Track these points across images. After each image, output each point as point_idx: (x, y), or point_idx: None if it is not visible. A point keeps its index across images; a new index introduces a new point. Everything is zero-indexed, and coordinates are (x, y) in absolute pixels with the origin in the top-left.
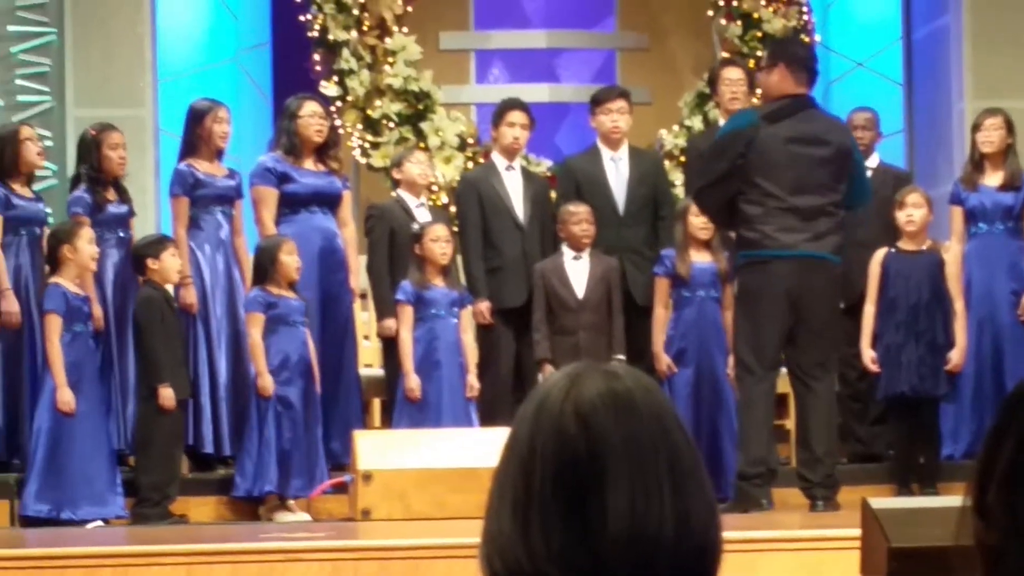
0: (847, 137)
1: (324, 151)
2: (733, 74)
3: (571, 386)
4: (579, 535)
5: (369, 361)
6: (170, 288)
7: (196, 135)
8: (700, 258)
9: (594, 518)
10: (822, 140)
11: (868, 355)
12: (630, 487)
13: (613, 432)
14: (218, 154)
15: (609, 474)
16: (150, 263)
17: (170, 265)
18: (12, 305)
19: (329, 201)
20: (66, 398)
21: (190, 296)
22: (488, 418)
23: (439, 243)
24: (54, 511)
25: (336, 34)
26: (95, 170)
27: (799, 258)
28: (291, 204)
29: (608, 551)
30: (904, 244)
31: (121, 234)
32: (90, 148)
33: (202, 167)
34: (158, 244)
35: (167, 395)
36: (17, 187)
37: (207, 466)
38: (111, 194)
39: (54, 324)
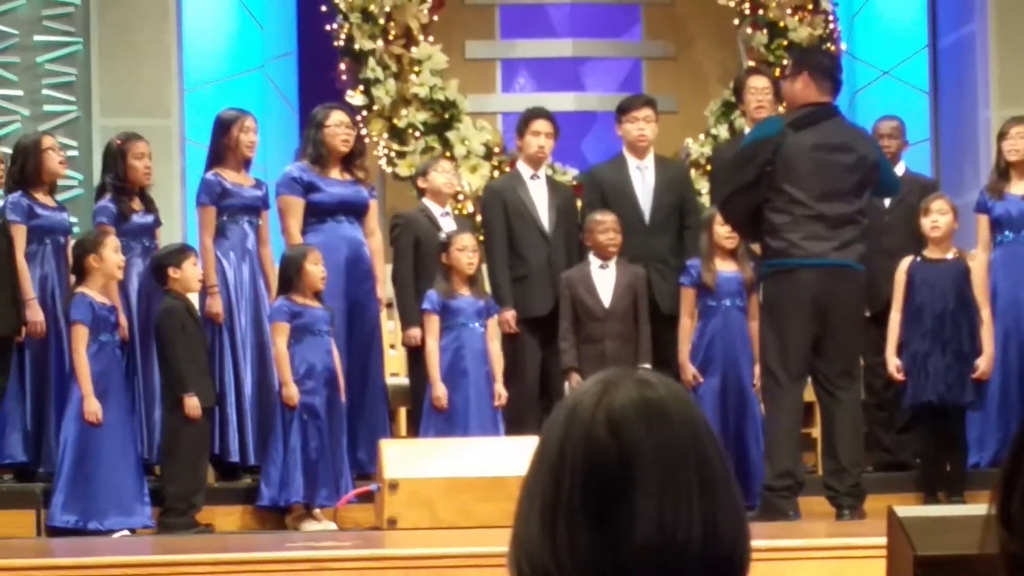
0: (872, 146)
1: (351, 160)
2: (759, 83)
3: (603, 393)
4: (606, 542)
5: (395, 370)
6: (192, 297)
7: (223, 144)
8: (726, 267)
9: (622, 525)
10: (847, 148)
11: (893, 363)
12: (659, 495)
13: (644, 440)
14: (245, 164)
15: (638, 482)
16: (171, 272)
17: (191, 275)
18: (37, 314)
19: (356, 210)
20: (93, 408)
21: (216, 305)
22: (514, 427)
23: (466, 252)
24: (81, 521)
25: (362, 43)
26: (120, 180)
27: (825, 267)
28: (318, 213)
29: (635, 559)
30: (930, 252)
31: (146, 243)
32: (115, 158)
33: (229, 177)
34: (179, 254)
35: (192, 404)
36: (40, 196)
37: (233, 475)
38: (136, 204)
39: (81, 334)
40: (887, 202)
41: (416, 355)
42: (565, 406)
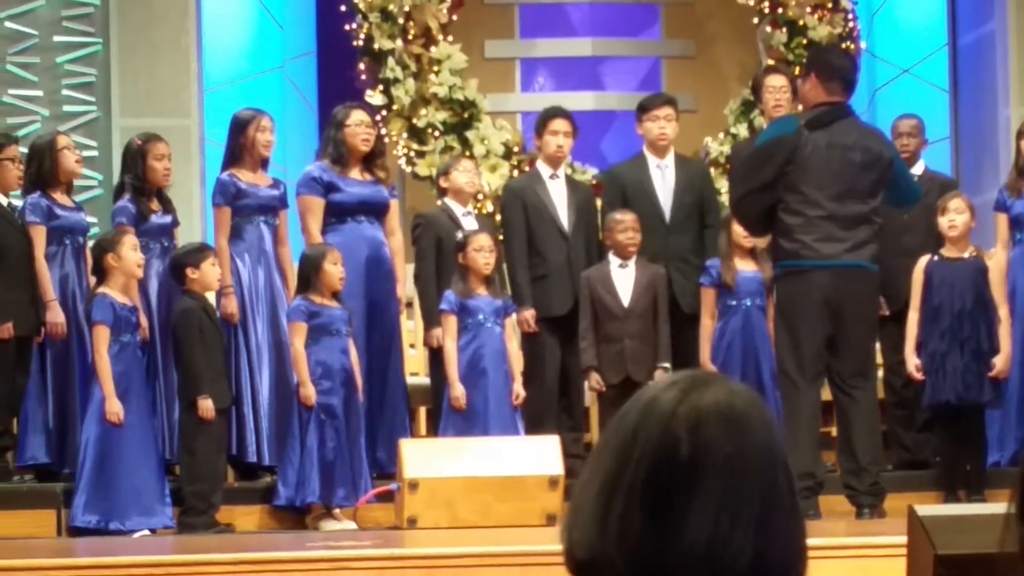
0: (886, 146)
1: (371, 160)
2: (777, 81)
3: (691, 389)
4: (656, 535)
5: (415, 370)
6: (211, 297)
7: (239, 144)
8: (745, 267)
9: (675, 524)
10: (861, 147)
11: (912, 362)
12: (718, 506)
13: (719, 446)
14: (262, 163)
15: (702, 486)
16: (189, 272)
17: (210, 274)
18: (58, 316)
19: (376, 210)
20: (114, 408)
21: (231, 305)
22: (534, 426)
23: (482, 253)
24: (103, 522)
25: (381, 43)
26: (140, 180)
27: (837, 268)
28: (338, 214)
29: (679, 561)
30: (948, 251)
31: (165, 244)
32: (135, 158)
33: (245, 177)
34: (198, 253)
35: (206, 407)
36: (59, 197)
37: (252, 475)
38: (155, 204)
39: (102, 335)
40: None
41: (437, 355)
42: (645, 395)
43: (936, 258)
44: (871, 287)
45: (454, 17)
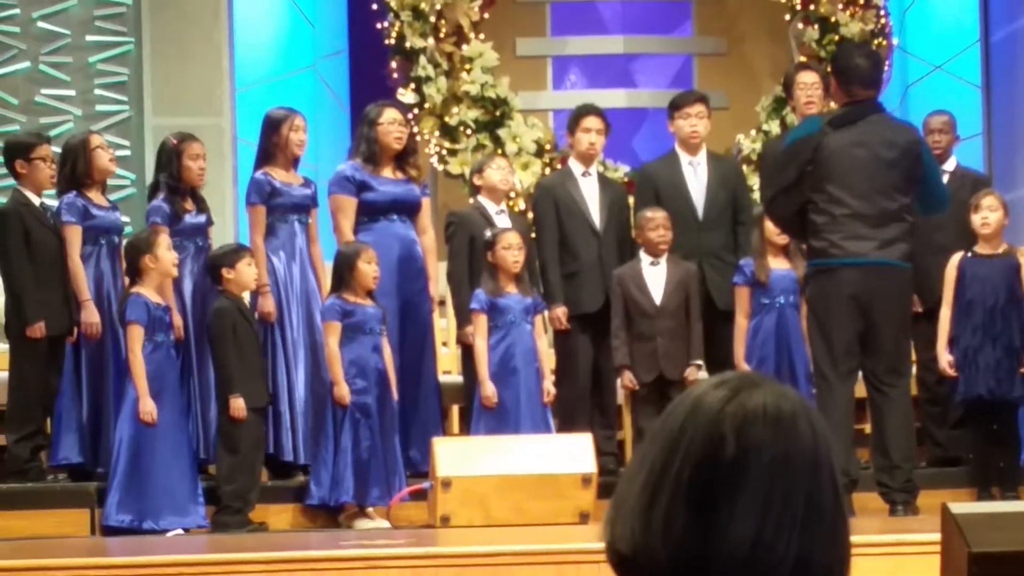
0: (916, 140)
1: (403, 159)
2: (808, 78)
3: (740, 389)
4: (699, 531)
5: (448, 368)
6: (246, 297)
7: (272, 143)
8: (778, 264)
9: (719, 523)
10: (889, 143)
11: (944, 359)
12: (763, 508)
13: (765, 447)
14: (294, 162)
15: (747, 486)
16: (225, 273)
17: (246, 274)
18: (93, 316)
19: (408, 209)
20: (148, 408)
21: (268, 304)
22: (567, 424)
23: (511, 251)
24: (136, 521)
25: (413, 41)
26: (175, 179)
27: (866, 266)
28: (370, 212)
29: (723, 560)
30: (980, 247)
31: (199, 243)
32: (171, 157)
33: (279, 176)
34: (234, 254)
35: (237, 406)
36: (94, 196)
37: (285, 473)
38: (189, 204)
39: (136, 334)
40: None
41: (470, 353)
42: (694, 392)
43: (969, 255)
44: (902, 285)
45: (486, 15)
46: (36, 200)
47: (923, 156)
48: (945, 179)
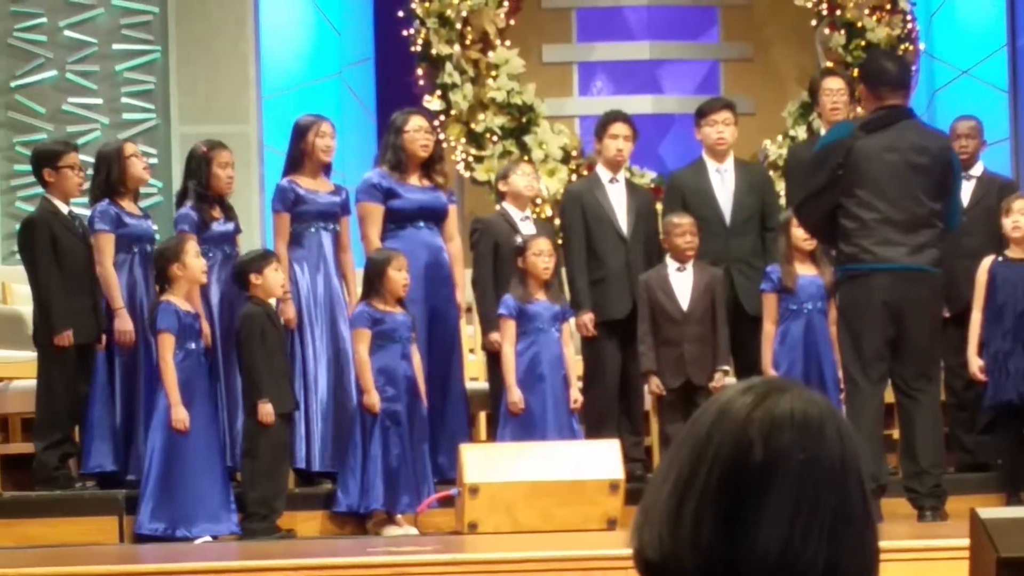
0: (947, 148)
1: (430, 166)
2: (834, 84)
3: (767, 395)
4: (728, 537)
5: (475, 374)
6: (274, 303)
7: (300, 150)
8: (805, 270)
9: (748, 528)
10: (920, 149)
11: (976, 364)
12: (792, 513)
13: (793, 453)
14: (324, 169)
15: (775, 491)
16: (253, 278)
17: (273, 280)
18: (126, 324)
19: (435, 216)
20: (180, 416)
21: (289, 311)
22: (595, 430)
23: (542, 257)
24: (170, 529)
25: (439, 48)
26: (203, 187)
27: (898, 271)
28: (397, 220)
29: (750, 568)
30: (1011, 252)
31: (227, 251)
32: (200, 165)
33: (305, 183)
34: (261, 259)
35: (266, 411)
36: (126, 204)
37: (312, 481)
38: (216, 212)
39: (167, 343)
40: (965, 202)
41: (496, 359)
42: (721, 398)
43: (999, 259)
44: (933, 290)
45: (511, 22)
46: (64, 208)
47: (953, 166)
48: (972, 184)
